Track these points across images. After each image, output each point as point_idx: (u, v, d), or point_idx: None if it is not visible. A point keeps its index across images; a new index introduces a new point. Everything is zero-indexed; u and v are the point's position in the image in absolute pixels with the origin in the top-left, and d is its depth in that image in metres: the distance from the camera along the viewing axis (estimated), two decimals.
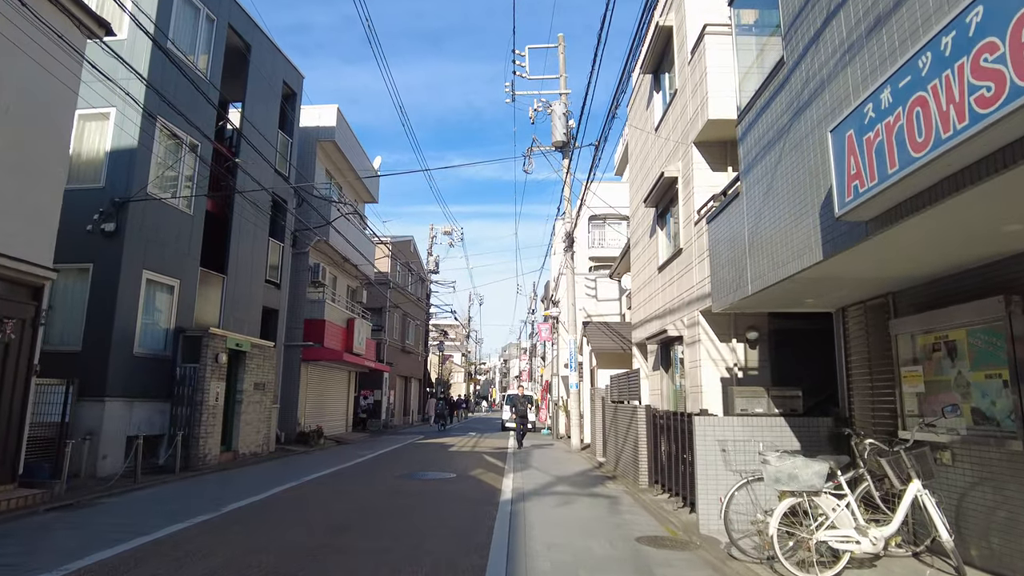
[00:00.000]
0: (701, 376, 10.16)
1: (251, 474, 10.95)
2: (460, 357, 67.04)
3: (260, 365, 13.87)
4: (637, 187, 15.54)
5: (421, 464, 12.70)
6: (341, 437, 19.67)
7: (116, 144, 10.93)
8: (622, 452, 11.40)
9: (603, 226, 30.29)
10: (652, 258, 13.81)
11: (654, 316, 13.44)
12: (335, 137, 18.51)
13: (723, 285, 7.00)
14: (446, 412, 29.18)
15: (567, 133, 18.07)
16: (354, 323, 19.87)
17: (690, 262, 10.84)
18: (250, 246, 14.54)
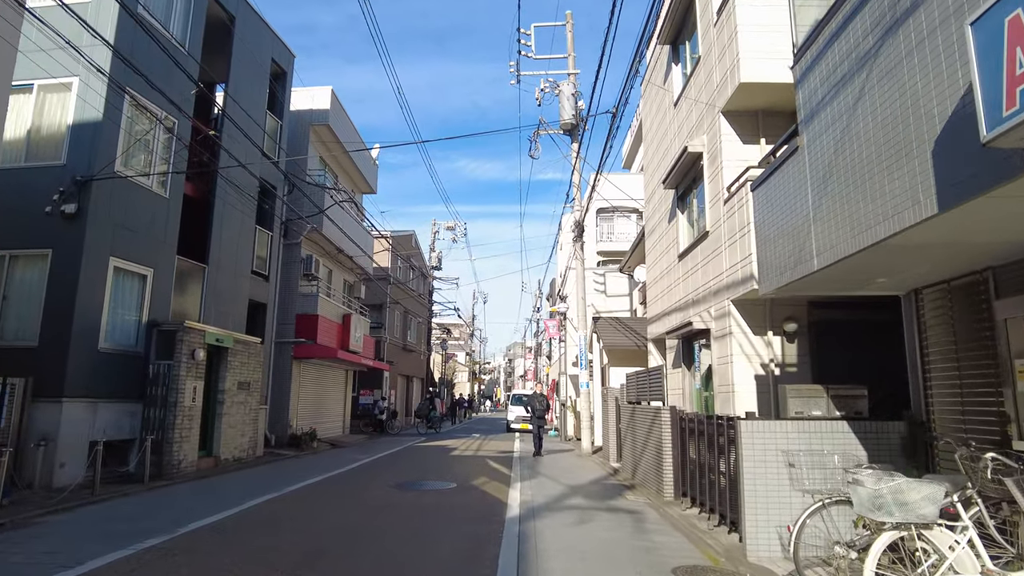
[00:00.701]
0: (732, 373, 9.01)
1: (229, 483, 9.84)
2: (464, 356, 65.97)
3: (245, 362, 12.77)
4: (653, 170, 14.39)
5: (419, 471, 11.58)
6: (337, 440, 18.57)
7: (79, 117, 9.85)
8: (641, 458, 10.26)
9: (612, 218, 29.14)
10: (671, 245, 12.66)
11: (674, 308, 12.28)
12: (329, 121, 17.41)
13: (774, 263, 5.85)
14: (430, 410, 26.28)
15: (576, 115, 16.93)
16: (350, 319, 18.76)
17: (718, 246, 9.69)
18: (235, 234, 13.45)
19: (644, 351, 15.79)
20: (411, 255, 30.06)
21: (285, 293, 16.44)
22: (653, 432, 9.37)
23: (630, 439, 11.34)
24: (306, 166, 16.76)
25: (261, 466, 12.33)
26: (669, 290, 12.76)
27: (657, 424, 9.12)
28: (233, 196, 13.12)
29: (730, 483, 6.36)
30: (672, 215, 12.66)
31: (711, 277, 10.00)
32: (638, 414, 10.66)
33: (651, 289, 14.69)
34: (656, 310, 14.03)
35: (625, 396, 11.87)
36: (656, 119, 14.27)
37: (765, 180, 6.05)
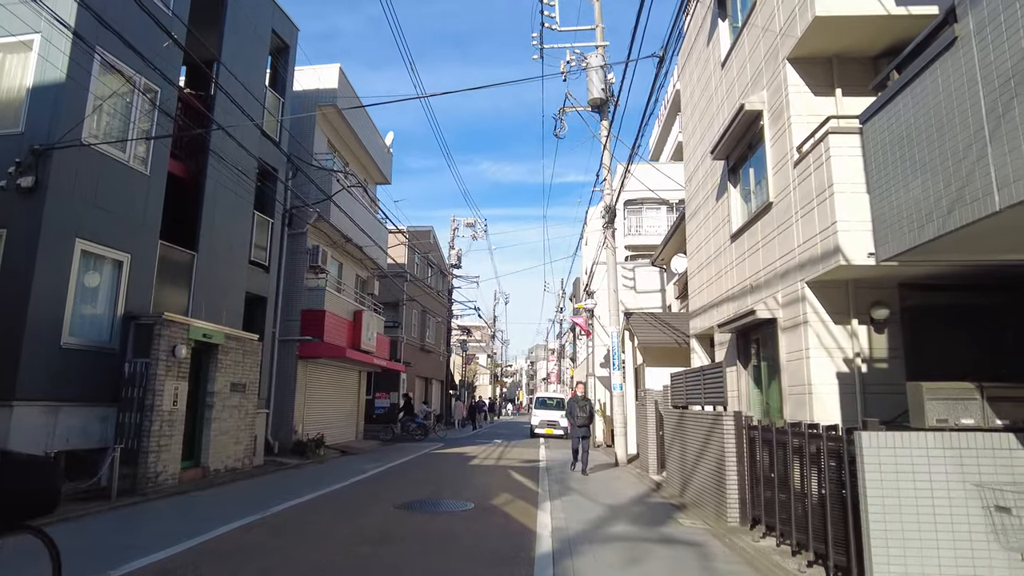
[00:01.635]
0: (809, 371, 7.38)
1: (209, 501, 8.46)
2: (486, 359, 64.51)
3: (239, 361, 11.42)
4: (695, 144, 12.79)
5: (432, 485, 10.10)
6: (348, 446, 17.20)
7: (40, 80, 8.57)
8: (693, 473, 8.65)
9: (640, 211, 27.56)
10: (720, 226, 11.04)
11: (725, 298, 10.66)
12: (337, 101, 16.07)
13: (903, 215, 4.25)
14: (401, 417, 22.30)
15: (606, 89, 15.37)
16: (362, 316, 17.39)
17: (786, 218, 8.07)
18: (229, 220, 12.13)
19: (685, 349, 14.16)
20: (429, 251, 28.70)
21: (289, 287, 15.12)
22: (711, 443, 7.77)
23: (677, 449, 9.74)
24: (312, 149, 15.44)
25: (256, 478, 10.96)
26: (718, 277, 11.14)
27: (716, 433, 7.52)
28: (228, 177, 11.80)
29: (838, 514, 4.76)
30: (721, 191, 11.05)
31: (777, 257, 8.38)
32: (688, 421, 9.06)
33: (693, 279, 13.08)
34: (700, 302, 12.41)
35: (669, 399, 10.27)
36: (698, 88, 12.66)
37: (886, 105, 4.44)
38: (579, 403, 12.53)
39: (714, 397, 7.90)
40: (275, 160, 13.78)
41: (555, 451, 17.84)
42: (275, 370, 14.56)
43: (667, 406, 10.60)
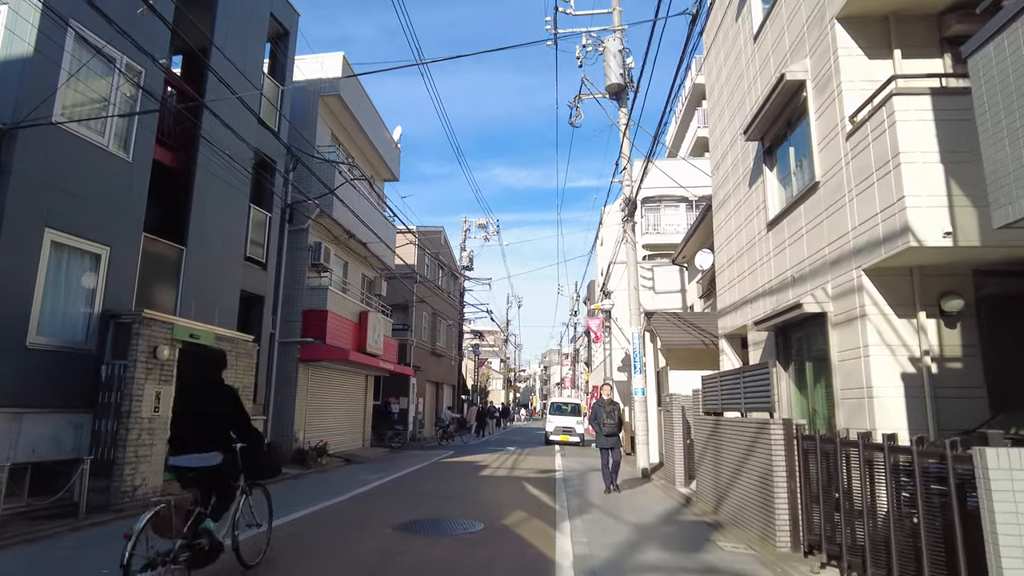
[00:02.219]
0: (868, 371, 6.39)
1: None
2: (499, 364, 63.60)
3: (232, 364, 10.56)
4: (724, 127, 11.81)
5: (437, 500, 9.18)
6: (353, 454, 16.34)
7: (5, 53, 7.80)
8: (731, 487, 7.66)
9: (658, 209, 26.52)
10: (754, 214, 10.06)
11: (760, 292, 9.67)
12: (340, 91, 15.29)
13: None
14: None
15: (624, 75, 14.45)
16: (367, 317, 16.55)
17: (839, 198, 7.09)
18: (223, 213, 11.33)
19: (712, 350, 13.15)
20: (440, 252, 27.86)
21: (290, 286, 14.31)
22: (754, 454, 6.78)
23: (709, 461, 8.74)
24: (314, 141, 14.65)
25: None
26: (752, 271, 10.15)
27: (761, 444, 6.53)
28: (221, 168, 11.00)
29: (938, 550, 3.78)
30: (755, 176, 10.07)
31: (825, 243, 7.40)
32: (724, 429, 8.06)
33: (722, 275, 12.09)
34: (730, 299, 11.42)
35: (701, 405, 9.28)
36: (726, 68, 11.70)
37: (1012, 24, 3.47)
38: (606, 407, 10.51)
39: (757, 402, 6.91)
40: (273, 151, 12.99)
41: (572, 459, 16.86)
42: (274, 374, 13.74)
43: (697, 412, 9.61)
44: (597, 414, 10.55)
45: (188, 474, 4.58)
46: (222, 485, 4.76)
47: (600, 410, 10.55)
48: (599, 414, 10.50)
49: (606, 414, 10.45)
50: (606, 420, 10.43)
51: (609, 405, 10.59)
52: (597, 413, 10.57)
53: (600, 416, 10.49)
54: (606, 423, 10.40)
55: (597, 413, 10.57)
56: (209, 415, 4.72)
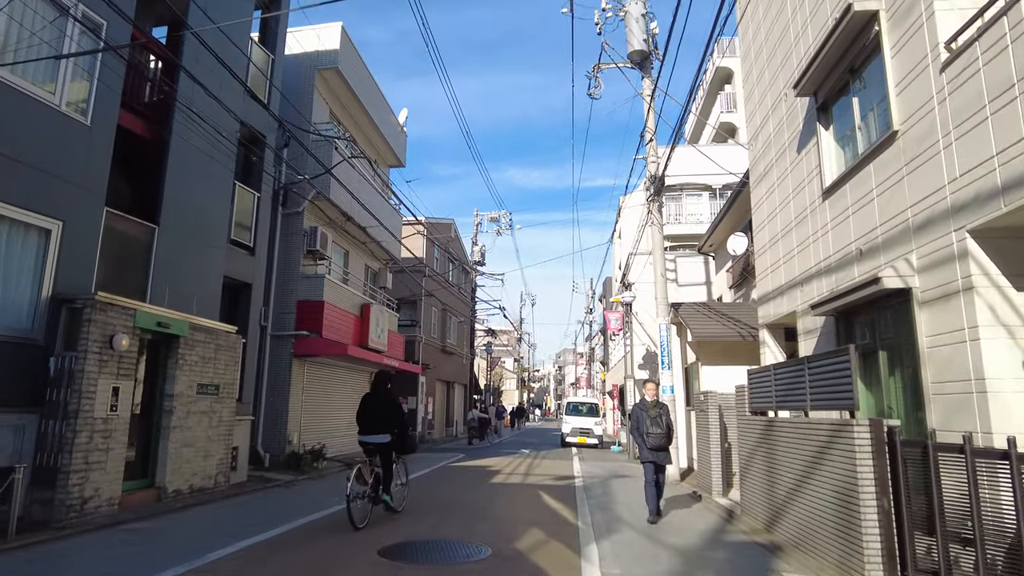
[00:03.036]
0: (979, 359, 5.04)
1: (141, 539, 6.40)
2: (512, 363, 62.31)
3: (210, 358, 9.43)
4: (764, 91, 10.45)
5: (439, 513, 7.92)
6: (354, 457, 15.11)
7: None
8: (790, 502, 6.32)
9: (680, 198, 25.11)
10: (804, 183, 8.71)
11: (815, 272, 8.31)
12: (338, 63, 14.11)
13: None
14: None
15: (648, 41, 13.13)
16: (370, 310, 15.35)
17: (928, 146, 5.73)
18: (202, 190, 10.16)
19: (750, 343, 11.78)
20: (449, 246, 26.64)
21: (284, 275, 13.14)
22: (827, 463, 5.44)
23: (759, 468, 7.39)
24: (311, 118, 13.48)
25: (228, 500, 8.92)
26: (802, 249, 8.80)
27: (839, 450, 5.19)
28: (201, 140, 9.84)
29: None
30: (805, 139, 8.71)
31: (907, 204, 6.04)
32: (780, 432, 6.71)
33: (761, 257, 10.73)
34: (773, 284, 10.06)
35: (747, 403, 7.93)
36: (766, 22, 10.34)
37: None
38: (650, 411, 7.92)
39: (830, 398, 5.56)
40: (263, 125, 11.82)
41: (591, 464, 15.54)
42: (266, 370, 12.58)
43: (742, 412, 8.27)
44: (639, 420, 7.97)
45: (370, 446, 7.48)
46: (388, 454, 7.59)
47: (642, 415, 7.95)
48: (641, 420, 7.93)
49: (650, 420, 7.85)
50: (651, 428, 7.81)
51: (655, 408, 7.99)
52: (638, 419, 7.98)
53: (642, 423, 7.90)
54: (651, 432, 7.80)
55: (638, 419, 7.98)
56: (382, 412, 7.56)
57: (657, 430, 7.82)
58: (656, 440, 7.80)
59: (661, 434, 7.82)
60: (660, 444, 7.82)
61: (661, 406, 8.07)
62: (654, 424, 7.84)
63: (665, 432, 7.84)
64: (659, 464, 7.90)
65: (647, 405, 8.06)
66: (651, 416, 7.90)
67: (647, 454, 7.90)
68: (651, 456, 7.87)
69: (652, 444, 7.80)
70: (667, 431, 7.87)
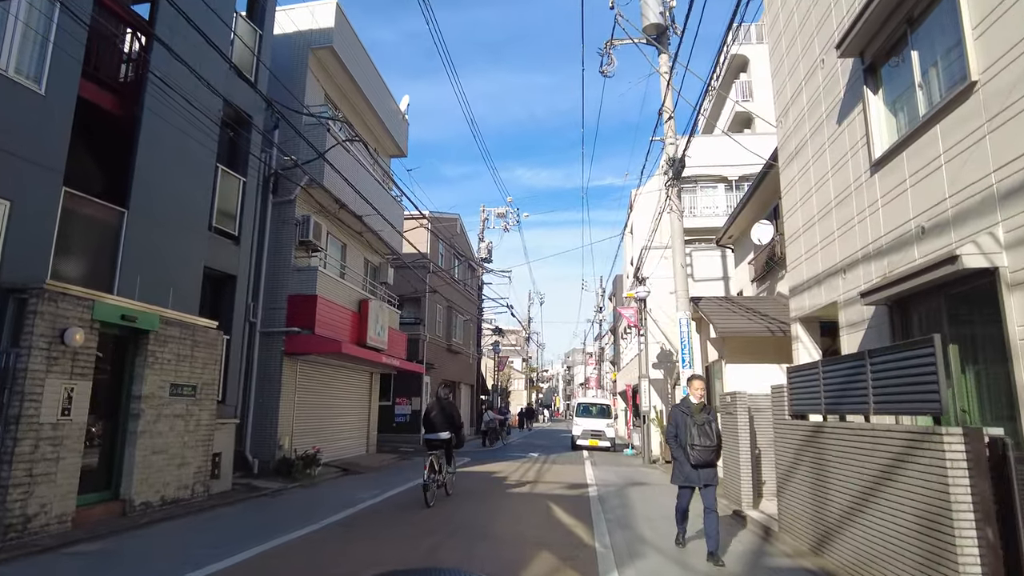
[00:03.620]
0: None
1: (87, 565, 5.51)
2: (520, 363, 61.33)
3: (186, 356, 8.55)
4: (796, 57, 9.45)
5: (439, 531, 7.00)
6: (353, 462, 14.25)
7: None
8: (847, 522, 5.34)
9: (694, 190, 24.14)
10: (849, 156, 7.71)
11: (862, 256, 7.32)
12: (333, 43, 13.21)
13: None
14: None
15: (665, 13, 12.15)
16: (368, 306, 14.44)
17: (1015, 100, 4.74)
18: (179, 172, 9.28)
19: (781, 338, 10.78)
20: (454, 238, 25.73)
21: (274, 267, 12.27)
22: (901, 479, 4.46)
23: (804, 480, 6.40)
24: (303, 100, 12.59)
25: (204, 513, 8.02)
26: (845, 231, 7.81)
27: (920, 465, 4.21)
28: (179, 118, 8.97)
29: None
30: (848, 107, 7.72)
31: (991, 169, 5.05)
32: (834, 440, 5.72)
33: (794, 244, 9.74)
34: (809, 272, 9.06)
35: (787, 405, 6.95)
36: None
37: None
38: (695, 416, 6.13)
39: (903, 401, 4.58)
40: (250, 105, 10.94)
41: (604, 469, 14.58)
42: (255, 369, 11.70)
43: (780, 415, 7.28)
44: (678, 427, 6.20)
45: (435, 442, 9.16)
46: (449, 449, 9.40)
47: (686, 421, 6.13)
48: (682, 427, 6.14)
49: (697, 428, 6.05)
50: (697, 439, 6.00)
51: (702, 413, 6.15)
52: (679, 425, 6.20)
53: (684, 430, 6.10)
54: (697, 444, 5.98)
55: (679, 425, 6.20)
56: (446, 415, 9.30)
57: (706, 442, 5.99)
58: (703, 455, 5.98)
59: (710, 448, 6.01)
60: (707, 459, 6.01)
61: (709, 410, 6.25)
62: (701, 434, 6.01)
63: (715, 445, 6.08)
64: (704, 487, 6.03)
65: (692, 408, 6.19)
66: (697, 423, 6.06)
67: (688, 473, 6.06)
68: (692, 476, 6.04)
69: (697, 459, 5.97)
70: (717, 443, 6.12)
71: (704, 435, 6.02)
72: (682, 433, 6.12)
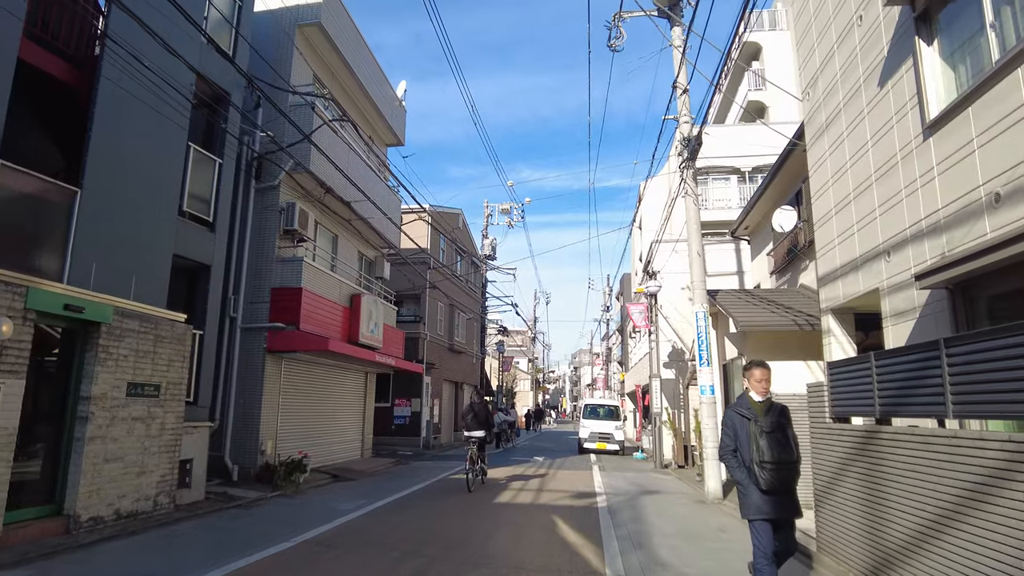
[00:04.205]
0: None
1: None
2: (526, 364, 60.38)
3: (148, 351, 7.67)
4: (828, 18, 8.46)
5: (425, 553, 6.08)
6: (345, 467, 13.35)
7: None
8: (918, 549, 4.36)
9: (706, 182, 23.15)
10: (894, 121, 6.74)
11: (908, 236, 6.36)
12: (321, 18, 12.32)
13: None
14: None
15: None
16: (360, 301, 13.53)
17: None
18: (144, 150, 8.39)
19: (809, 333, 9.78)
20: (455, 232, 24.83)
21: (257, 258, 11.39)
22: (1008, 505, 3.49)
23: (853, 495, 5.42)
24: (290, 79, 11.71)
25: (162, 527, 7.12)
26: (889, 207, 6.84)
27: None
28: (143, 91, 8.09)
29: None
30: (893, 65, 6.75)
31: None
32: (894, 448, 4.74)
33: (824, 227, 8.77)
34: (844, 257, 8.08)
35: (828, 406, 5.98)
36: None
37: None
38: (760, 420, 4.33)
39: (998, 403, 3.63)
40: (227, 80, 10.06)
41: (614, 476, 13.61)
42: (235, 368, 10.82)
43: (819, 418, 6.31)
44: (738, 435, 4.40)
45: (473, 439, 11.09)
46: (483, 445, 11.37)
47: (747, 427, 4.34)
48: (743, 435, 4.35)
49: (766, 437, 4.22)
50: (768, 452, 4.17)
51: (769, 416, 4.34)
52: (738, 432, 4.40)
53: (749, 441, 4.29)
54: (768, 460, 4.16)
55: (738, 432, 4.40)
56: (482, 416, 11.37)
57: (782, 456, 4.14)
58: (779, 476, 4.12)
59: (789, 464, 4.19)
60: (785, 482, 4.17)
61: (780, 410, 4.41)
62: (774, 445, 4.15)
63: (795, 460, 4.25)
64: (781, 524, 4.27)
65: (755, 408, 4.38)
66: (765, 428, 4.21)
67: (758, 502, 4.19)
68: (766, 506, 4.17)
69: (771, 482, 4.10)
70: (795, 454, 4.26)
71: (778, 446, 4.15)
72: (744, 446, 4.30)
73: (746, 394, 4.55)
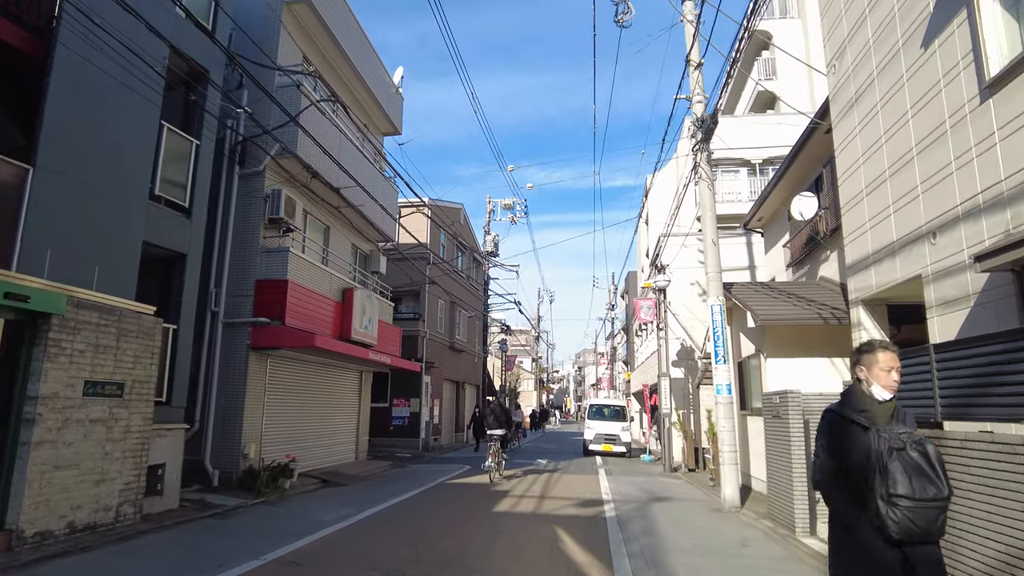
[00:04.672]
0: None
1: None
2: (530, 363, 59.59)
3: (110, 346, 6.95)
4: None
5: (408, 572, 5.33)
6: (337, 472, 12.62)
7: None
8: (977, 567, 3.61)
9: (715, 175, 22.30)
10: (942, 85, 5.94)
11: (960, 214, 5.58)
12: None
13: None
14: None
15: None
16: (353, 295, 12.80)
17: None
18: (110, 127, 7.69)
19: (836, 327, 8.98)
20: (455, 225, 24.10)
21: (240, 248, 10.67)
22: None
23: None
24: (276, 58, 10.99)
25: (122, 542, 6.41)
26: (932, 184, 6.09)
27: None
28: (109, 63, 7.38)
29: None
30: (940, 22, 6.01)
31: None
32: (964, 457, 3.98)
33: (853, 212, 7.99)
34: (877, 243, 7.29)
35: None
36: None
37: None
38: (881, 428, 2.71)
39: None
40: (205, 57, 9.35)
41: (621, 480, 12.85)
42: (216, 366, 10.11)
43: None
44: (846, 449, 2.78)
45: (494, 436, 12.65)
46: (504, 442, 13.07)
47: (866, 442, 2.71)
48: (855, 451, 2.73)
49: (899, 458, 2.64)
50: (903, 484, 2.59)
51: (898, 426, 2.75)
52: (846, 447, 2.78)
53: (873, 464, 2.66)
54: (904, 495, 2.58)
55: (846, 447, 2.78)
56: (501, 416, 13.26)
57: (928, 490, 2.58)
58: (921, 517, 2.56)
59: (938, 503, 2.60)
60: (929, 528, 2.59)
61: (905, 415, 2.87)
62: (911, 471, 2.62)
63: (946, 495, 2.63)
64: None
65: (875, 413, 2.81)
66: (894, 445, 2.67)
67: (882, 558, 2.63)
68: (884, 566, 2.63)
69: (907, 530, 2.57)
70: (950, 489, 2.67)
71: (917, 473, 2.62)
72: (859, 472, 2.72)
73: (858, 389, 2.89)
